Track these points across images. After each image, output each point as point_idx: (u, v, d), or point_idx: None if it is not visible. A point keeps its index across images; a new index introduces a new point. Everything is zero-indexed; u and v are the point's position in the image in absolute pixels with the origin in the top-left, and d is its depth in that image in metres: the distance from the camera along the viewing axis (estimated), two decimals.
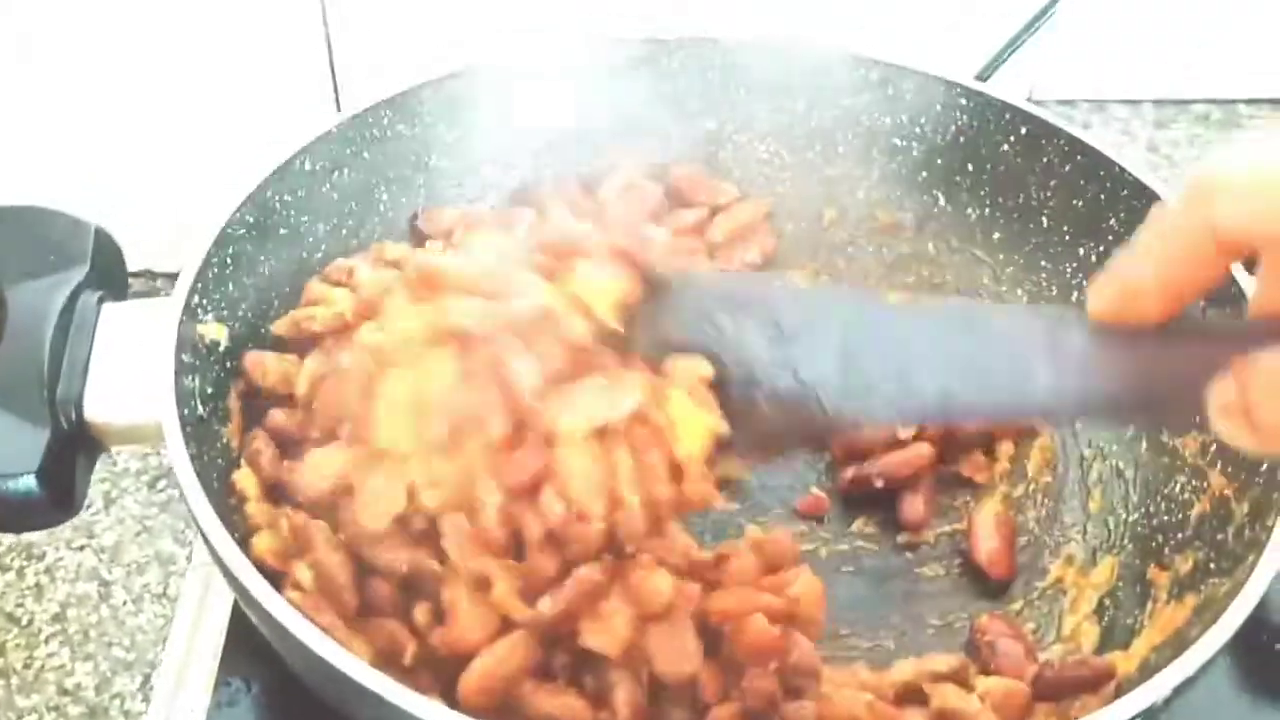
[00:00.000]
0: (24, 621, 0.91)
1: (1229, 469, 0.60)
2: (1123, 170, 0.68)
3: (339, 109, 0.76)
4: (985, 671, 0.59)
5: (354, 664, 0.46)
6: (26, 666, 0.88)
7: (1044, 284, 0.73)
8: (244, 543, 0.53)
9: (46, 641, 0.90)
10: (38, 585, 0.94)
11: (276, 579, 0.53)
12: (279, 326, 0.65)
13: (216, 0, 0.92)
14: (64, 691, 0.86)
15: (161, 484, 0.98)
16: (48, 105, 0.98)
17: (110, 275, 0.62)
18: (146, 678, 0.87)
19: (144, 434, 0.57)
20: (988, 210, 0.75)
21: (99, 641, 0.90)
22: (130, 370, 0.58)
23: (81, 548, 0.96)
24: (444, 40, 0.89)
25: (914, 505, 0.67)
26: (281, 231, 0.68)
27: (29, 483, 0.54)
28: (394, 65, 0.78)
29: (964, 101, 0.74)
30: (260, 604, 0.48)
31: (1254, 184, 0.38)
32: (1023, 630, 0.62)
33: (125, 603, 0.92)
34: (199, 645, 0.65)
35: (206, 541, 0.50)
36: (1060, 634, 0.62)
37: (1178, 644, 0.51)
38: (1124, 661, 0.57)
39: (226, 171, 0.67)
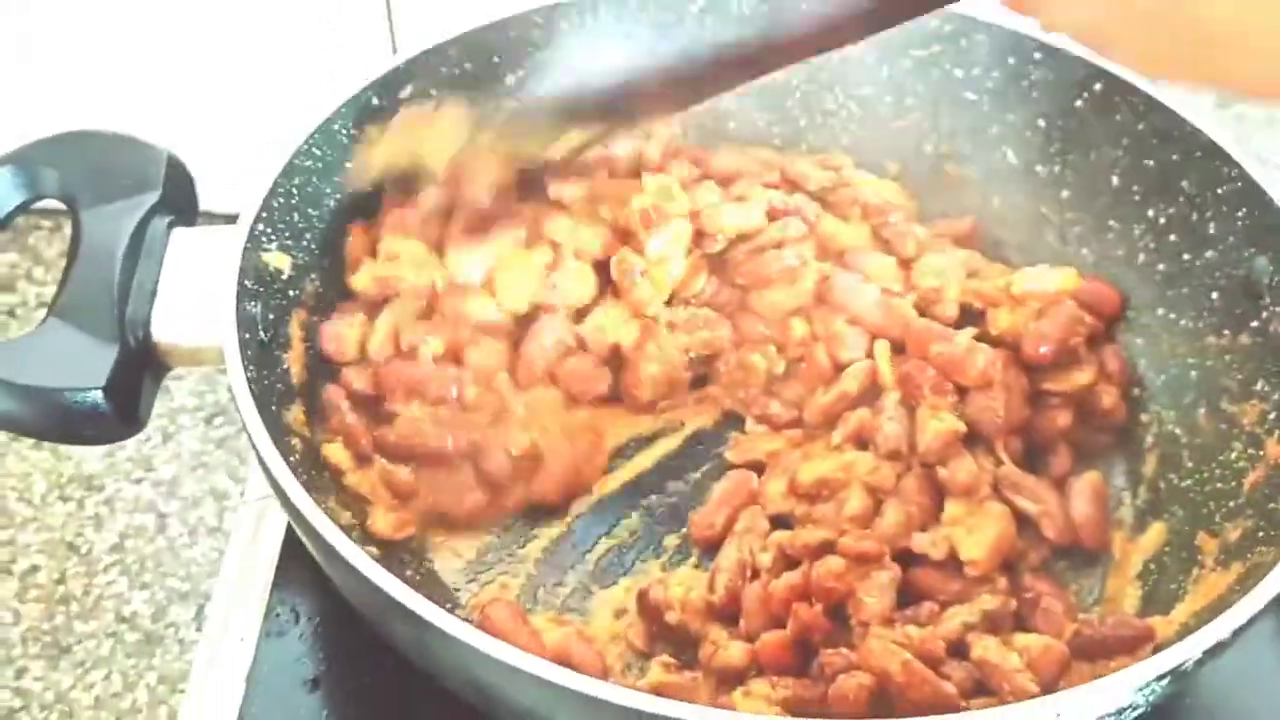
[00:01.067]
0: (84, 550, 0.97)
1: None
2: (1196, 131, 0.69)
3: (394, 50, 0.80)
4: (1025, 629, 0.62)
5: (400, 588, 0.50)
6: (86, 594, 0.94)
7: (1111, 245, 0.75)
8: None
9: (105, 570, 0.96)
10: (97, 516, 0.99)
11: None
12: (359, 282, 0.70)
13: None
14: (121, 619, 0.92)
15: (218, 420, 1.03)
16: (123, 40, 1.03)
17: (181, 201, 0.67)
18: (200, 608, 0.93)
19: (207, 355, 0.62)
20: (1057, 168, 0.77)
21: (155, 572, 0.95)
22: (196, 294, 0.63)
23: (139, 480, 1.01)
24: None
25: None
26: (347, 165, 0.72)
27: (97, 397, 0.59)
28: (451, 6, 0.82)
29: (1037, 56, 0.75)
30: (312, 526, 0.53)
31: None
32: (1065, 590, 0.64)
33: (181, 535, 0.97)
34: (250, 577, 0.70)
35: (260, 459, 0.55)
36: (1103, 595, 0.65)
37: (1219, 611, 0.53)
38: (1164, 626, 0.59)
39: (286, 112, 0.71)
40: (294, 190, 0.68)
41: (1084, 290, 0.73)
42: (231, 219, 0.64)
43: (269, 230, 0.66)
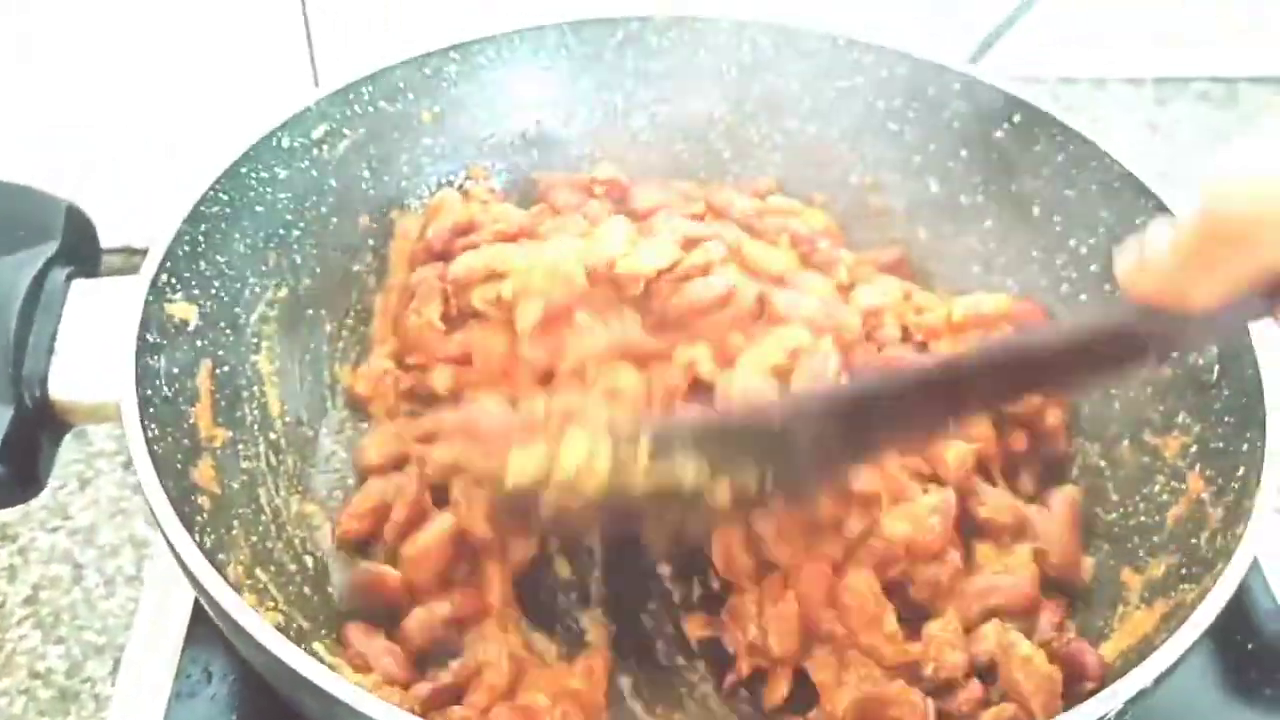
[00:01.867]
0: None
1: (1207, 472, 0.62)
2: (1113, 161, 0.70)
3: (317, 84, 0.79)
4: None
5: (302, 659, 0.49)
6: None
7: (1034, 275, 0.75)
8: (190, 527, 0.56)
9: (19, 624, 0.93)
10: (11, 567, 0.96)
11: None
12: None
13: None
14: (35, 675, 0.89)
15: None
16: (32, 79, 1.00)
17: (81, 252, 0.65)
18: (117, 662, 0.90)
19: (109, 413, 0.60)
20: (980, 198, 0.77)
21: (70, 625, 0.93)
22: (96, 348, 0.61)
23: (55, 529, 0.98)
24: (423, 18, 0.92)
25: None
26: (257, 209, 0.71)
27: None
28: (373, 42, 0.81)
29: (957, 87, 0.76)
30: (209, 592, 0.51)
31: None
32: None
33: (98, 585, 0.95)
34: (161, 635, 0.68)
35: (157, 523, 0.53)
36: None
37: (1144, 653, 0.53)
38: None
39: (209, 146, 0.70)
40: (200, 237, 0.66)
41: (1016, 312, 0.73)
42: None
43: (173, 280, 0.64)
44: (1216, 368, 0.64)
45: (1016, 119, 0.74)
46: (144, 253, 0.64)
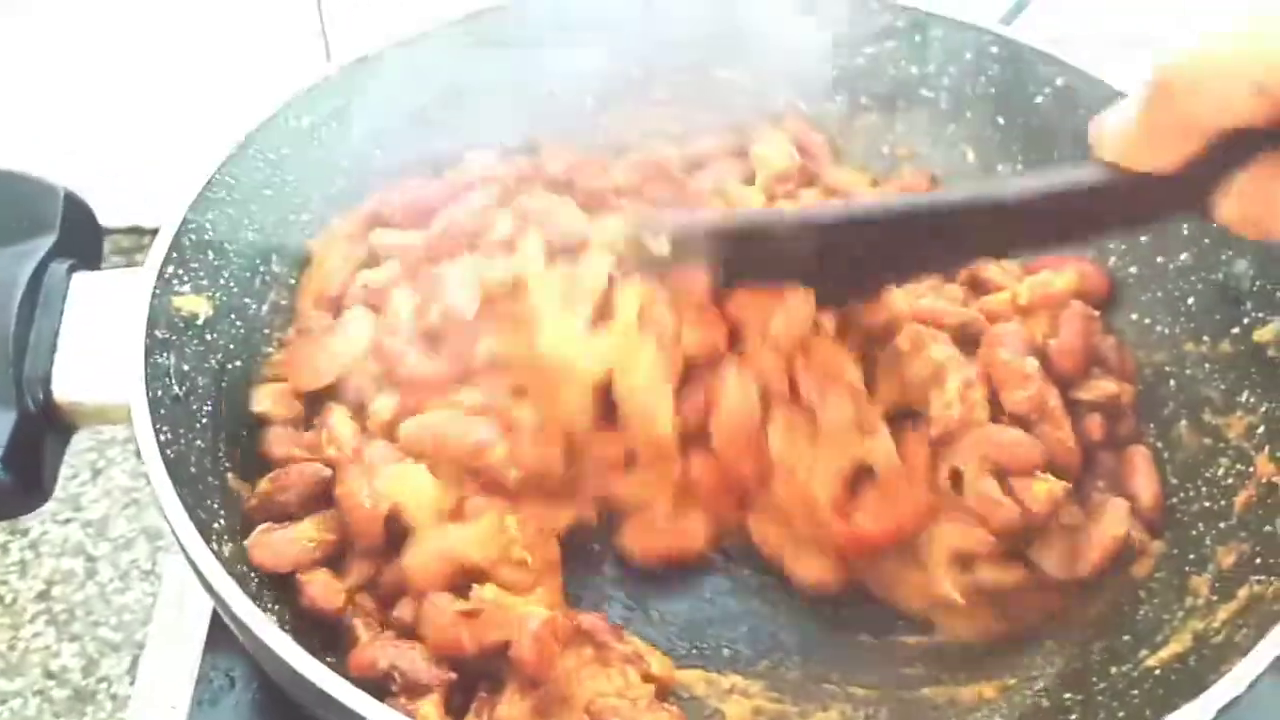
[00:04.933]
0: (7, 600, 0.90)
1: (1278, 453, 0.57)
2: None
3: (329, 58, 0.74)
4: None
5: (317, 668, 0.45)
6: (11, 648, 0.87)
7: (1080, 248, 0.70)
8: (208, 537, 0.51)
9: (31, 621, 0.89)
10: (22, 561, 0.93)
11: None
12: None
13: None
14: (49, 674, 0.85)
15: None
16: (36, 56, 0.96)
17: (81, 242, 0.60)
18: (134, 660, 0.86)
19: (117, 414, 0.55)
20: (1018, 166, 0.72)
21: (85, 621, 0.89)
22: (101, 346, 0.56)
23: (67, 521, 0.94)
24: None
25: None
26: (266, 192, 0.66)
27: None
28: (385, 14, 0.76)
29: (995, 50, 0.71)
30: (225, 600, 0.47)
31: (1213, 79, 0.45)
32: None
33: (112, 580, 0.91)
34: (180, 639, 0.64)
35: (173, 530, 0.49)
36: None
37: (1218, 644, 0.50)
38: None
39: (216, 122, 0.65)
40: (207, 224, 0.61)
41: (1085, 286, 0.68)
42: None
43: (181, 271, 0.59)
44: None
45: (1059, 83, 0.69)
46: (154, 233, 0.59)
